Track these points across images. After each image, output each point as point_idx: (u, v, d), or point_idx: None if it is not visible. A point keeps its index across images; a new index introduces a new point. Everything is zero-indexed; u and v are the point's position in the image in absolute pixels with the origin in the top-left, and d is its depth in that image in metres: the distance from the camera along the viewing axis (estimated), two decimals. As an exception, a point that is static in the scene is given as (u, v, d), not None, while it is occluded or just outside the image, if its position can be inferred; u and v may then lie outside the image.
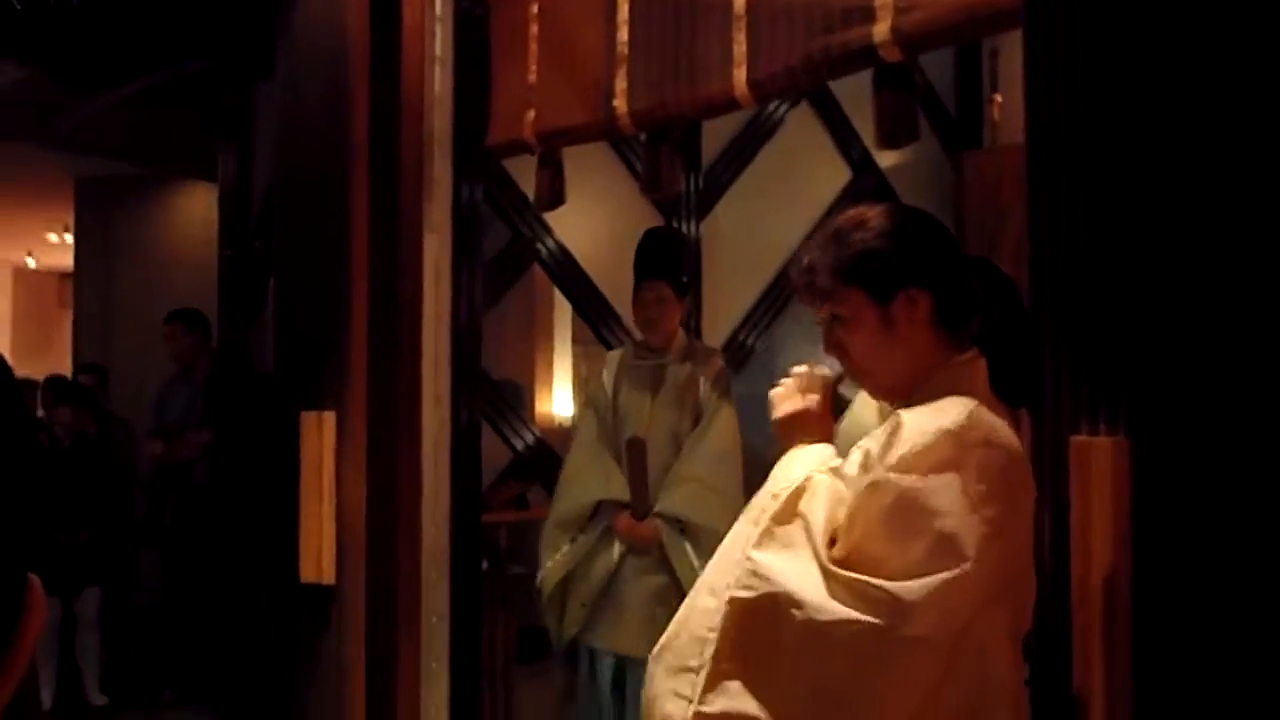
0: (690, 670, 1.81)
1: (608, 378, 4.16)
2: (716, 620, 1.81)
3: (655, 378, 4.09)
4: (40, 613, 0.65)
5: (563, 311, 7.34)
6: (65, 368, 9.25)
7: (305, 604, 4.02)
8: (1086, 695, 1.95)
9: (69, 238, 11.08)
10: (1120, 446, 1.94)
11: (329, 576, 3.90)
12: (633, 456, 3.97)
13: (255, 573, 5.27)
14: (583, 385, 4.30)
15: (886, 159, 7.68)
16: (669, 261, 4.13)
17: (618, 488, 3.97)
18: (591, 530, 4.00)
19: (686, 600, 1.93)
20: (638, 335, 4.38)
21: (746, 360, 7.19)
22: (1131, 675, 1.89)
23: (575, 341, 7.59)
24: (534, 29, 3.91)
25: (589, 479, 4.02)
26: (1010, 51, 7.28)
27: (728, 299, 7.10)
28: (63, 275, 13.03)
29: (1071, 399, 2.04)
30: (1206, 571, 1.85)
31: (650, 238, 4.19)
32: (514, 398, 6.65)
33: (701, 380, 4.08)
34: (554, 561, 4.04)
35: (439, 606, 3.96)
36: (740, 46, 3.24)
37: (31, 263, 14.03)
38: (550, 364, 7.52)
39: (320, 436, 4.00)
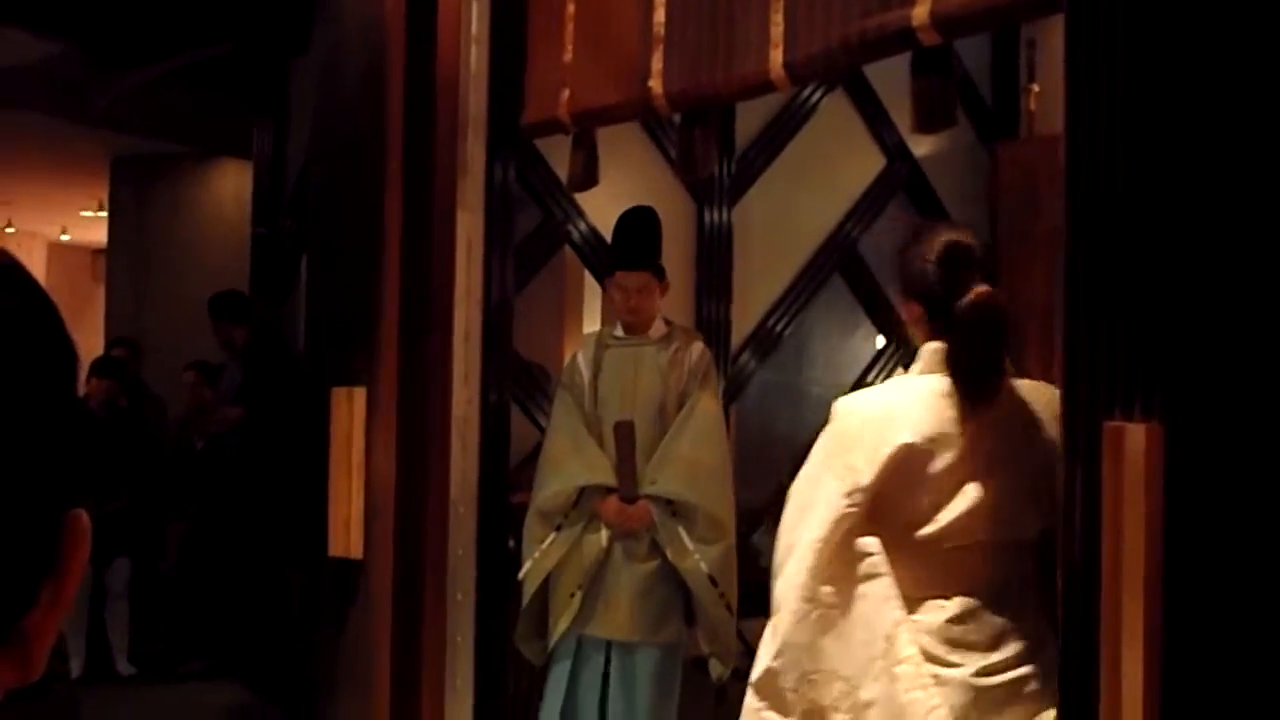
0: None
1: (584, 361, 4.05)
2: None
3: (637, 360, 3.97)
4: (86, 544, 0.64)
5: (592, 295, 7.34)
6: (98, 342, 9.33)
7: (333, 578, 4.05)
8: (1116, 679, 1.94)
9: (103, 213, 11.16)
10: (1154, 432, 1.93)
11: (357, 551, 3.93)
12: (621, 439, 3.85)
13: (285, 546, 5.31)
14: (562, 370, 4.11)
15: (921, 147, 7.64)
16: (651, 247, 3.99)
17: (602, 472, 3.85)
18: (576, 517, 3.86)
19: None
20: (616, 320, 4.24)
21: (776, 346, 7.18)
22: (1162, 660, 1.88)
23: (605, 324, 7.59)
24: (570, 8, 3.91)
25: (572, 464, 3.89)
26: (1047, 41, 7.22)
27: (759, 285, 7.09)
28: (96, 250, 13.14)
29: (1106, 384, 2.03)
30: (1239, 558, 1.84)
31: (630, 222, 4.03)
32: (543, 380, 6.67)
33: (684, 362, 3.99)
34: (540, 553, 3.89)
35: (465, 583, 3.98)
36: (777, 28, 3.23)
37: (66, 237, 14.15)
38: (579, 345, 7.53)
39: (350, 412, 4.02)
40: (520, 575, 3.93)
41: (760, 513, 4.87)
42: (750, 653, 3.77)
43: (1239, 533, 1.84)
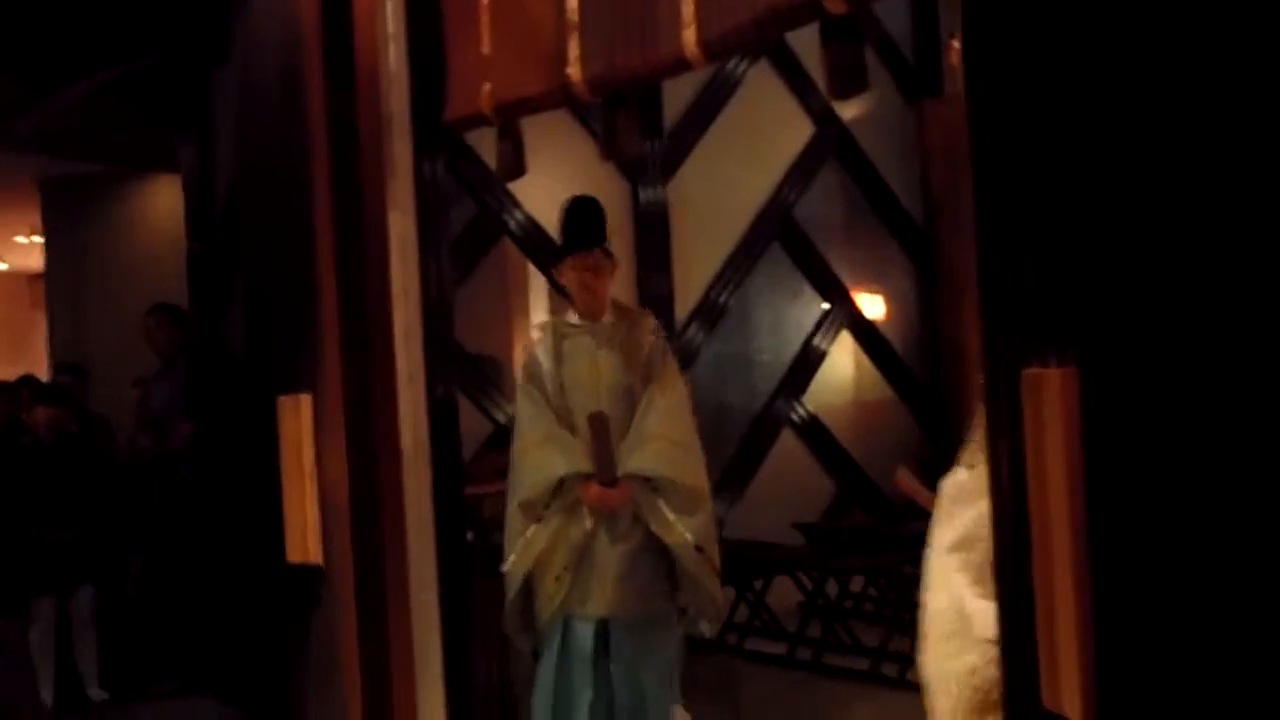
0: None
1: (543, 354, 4.08)
2: None
3: (596, 344, 4.04)
4: None
5: (537, 283, 7.36)
6: (41, 369, 9.23)
7: (295, 585, 4.07)
8: (1049, 619, 2.01)
9: (37, 238, 11.02)
10: (1070, 377, 2.00)
11: (316, 556, 3.95)
12: (596, 430, 3.92)
13: (245, 558, 5.32)
14: (520, 365, 4.23)
15: (848, 110, 7.72)
16: (598, 228, 4.06)
17: (579, 459, 3.91)
18: (557, 507, 3.93)
19: None
20: (571, 305, 4.30)
21: (721, 318, 7.25)
22: (1092, 597, 1.95)
23: (551, 312, 7.61)
24: (485, 1, 3.92)
25: (548, 456, 3.94)
26: (964, -4, 7.33)
27: (698, 259, 7.16)
28: (33, 276, 12.96)
29: (1021, 333, 2.10)
30: (1158, 495, 1.91)
31: (576, 206, 4.10)
32: (494, 372, 6.69)
33: (642, 341, 4.07)
34: (523, 546, 3.95)
35: (427, 578, 4.01)
36: (689, 7, 3.26)
37: (2, 265, 13.95)
38: (526, 336, 7.55)
39: (298, 419, 4.03)
40: (505, 568, 3.97)
41: (716, 482, 4.92)
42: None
43: (1157, 471, 1.90)
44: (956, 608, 2.40)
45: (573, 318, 4.11)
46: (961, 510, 2.51)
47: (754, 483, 7.19)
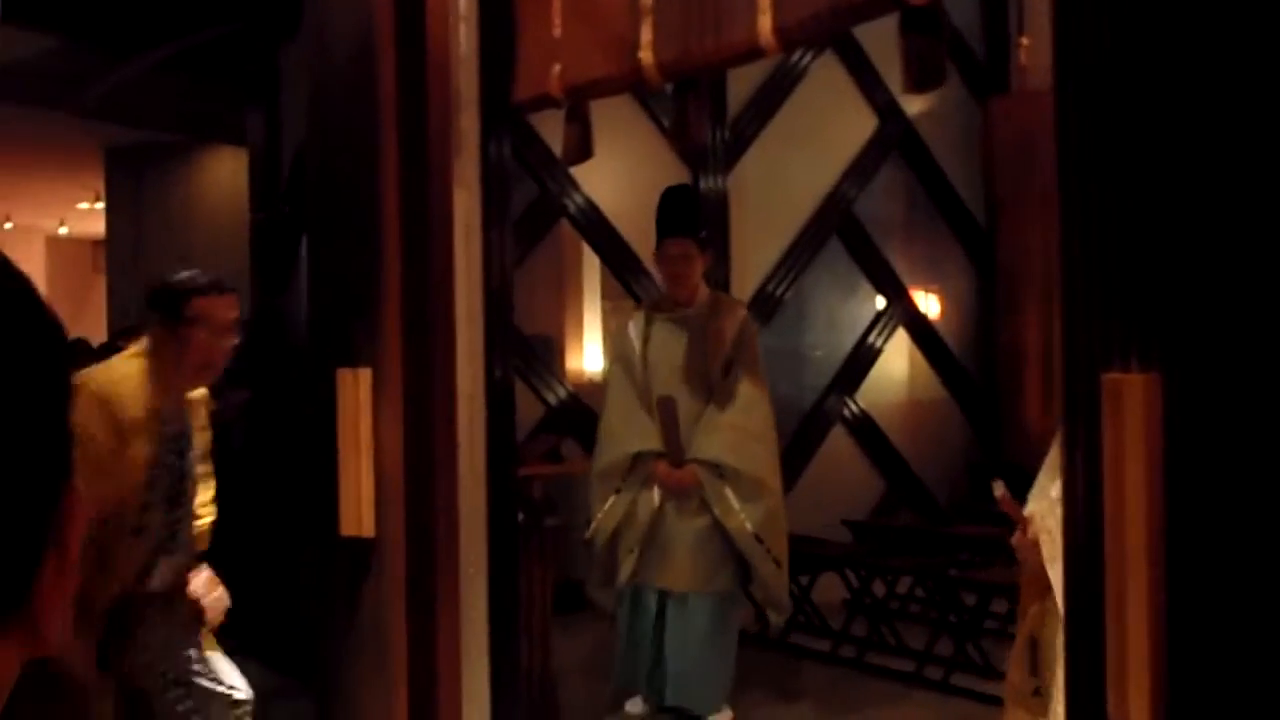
0: None
1: (634, 333, 4.29)
2: None
3: (682, 330, 4.21)
4: (83, 515, 0.67)
5: (591, 267, 7.36)
6: (100, 332, 9.35)
7: (346, 557, 4.08)
8: (1121, 632, 1.97)
9: (100, 205, 11.16)
10: (1153, 383, 1.95)
11: (369, 530, 3.96)
12: (664, 413, 4.13)
13: (297, 529, 5.35)
14: (611, 340, 4.51)
15: (913, 105, 7.65)
16: (690, 218, 4.25)
17: (652, 440, 4.12)
18: (632, 480, 4.16)
19: None
20: (662, 290, 4.47)
21: (776, 311, 7.21)
22: (1167, 611, 1.91)
23: (604, 296, 7.62)
24: (558, -17, 3.91)
25: (624, 433, 4.18)
26: (1037, -7, 7.22)
27: (756, 250, 7.12)
28: (95, 242, 13.14)
29: (1102, 335, 2.05)
30: (1241, 508, 1.86)
31: (670, 195, 4.30)
32: (545, 353, 6.70)
33: (727, 330, 4.20)
34: (603, 513, 4.21)
35: (477, 557, 4.02)
36: (765, -7, 3.24)
37: (64, 230, 14.15)
38: (580, 319, 7.56)
39: (357, 393, 4.04)
40: (588, 534, 4.27)
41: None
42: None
43: (1241, 482, 1.86)
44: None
45: (666, 301, 4.26)
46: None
47: (803, 478, 7.15)
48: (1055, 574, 2.33)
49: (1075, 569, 2.11)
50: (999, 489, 2.58)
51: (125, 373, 3.08)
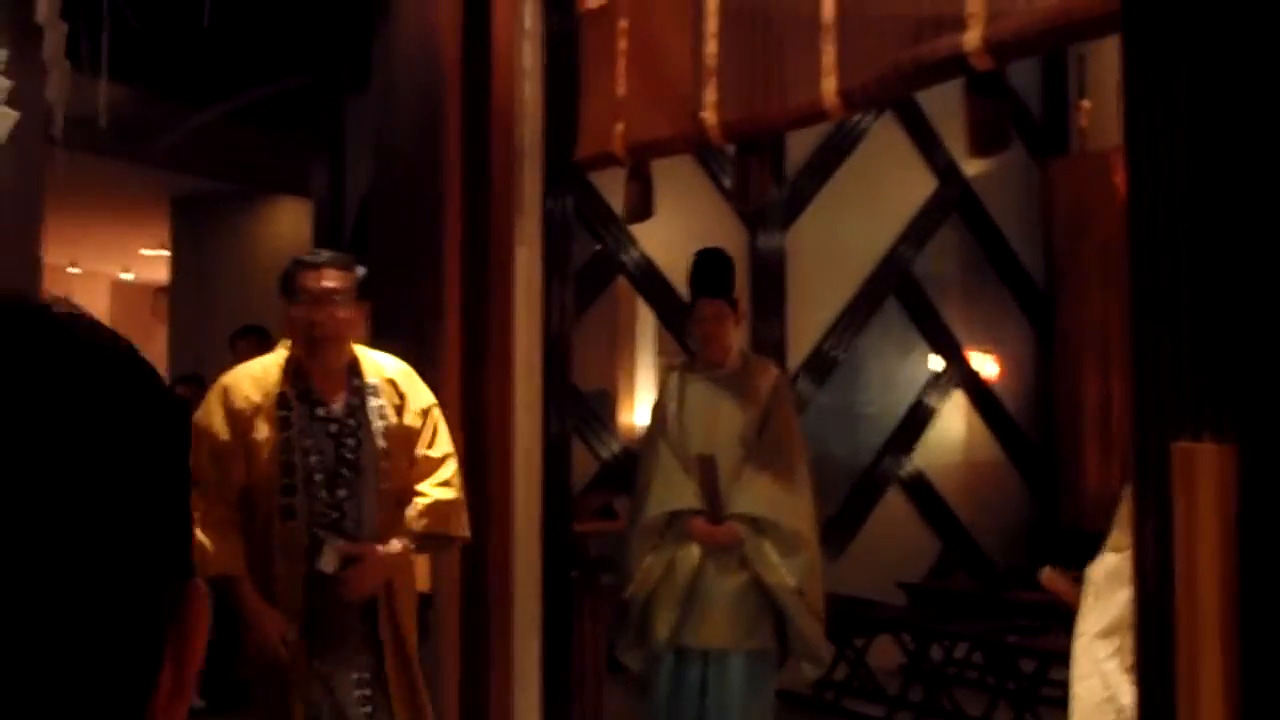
0: None
1: (669, 394, 4.31)
2: None
3: (717, 389, 4.25)
4: (206, 615, 0.59)
5: (645, 323, 7.38)
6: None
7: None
8: (1194, 708, 1.93)
9: (164, 251, 11.36)
10: (1225, 453, 1.92)
11: (424, 584, 3.97)
12: (704, 471, 4.13)
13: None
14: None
15: (972, 167, 7.62)
16: (723, 279, 4.31)
17: (689, 498, 4.12)
18: (671, 538, 4.14)
19: None
20: (696, 351, 4.52)
21: (832, 370, 7.17)
22: (1240, 688, 1.86)
23: (659, 352, 7.62)
24: (622, 43, 3.95)
25: (662, 492, 4.17)
26: (1097, 56, 7.19)
27: (813, 309, 7.10)
28: (158, 288, 13.37)
29: (1174, 403, 2.02)
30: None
31: (704, 257, 4.34)
32: (600, 408, 6.71)
33: (762, 388, 4.24)
34: (642, 572, 4.16)
35: (531, 613, 4.02)
36: (829, 57, 3.26)
37: (128, 276, 14.41)
38: (633, 375, 7.56)
39: (414, 446, 4.06)
40: (625, 594, 4.21)
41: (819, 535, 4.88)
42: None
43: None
44: (1109, 695, 2.32)
45: (700, 362, 4.27)
46: (1111, 594, 2.42)
47: (858, 539, 7.07)
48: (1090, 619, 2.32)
49: (1147, 645, 2.06)
50: (1047, 575, 2.55)
51: (264, 362, 3.16)
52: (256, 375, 3.10)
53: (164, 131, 7.66)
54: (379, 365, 3.21)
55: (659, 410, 4.33)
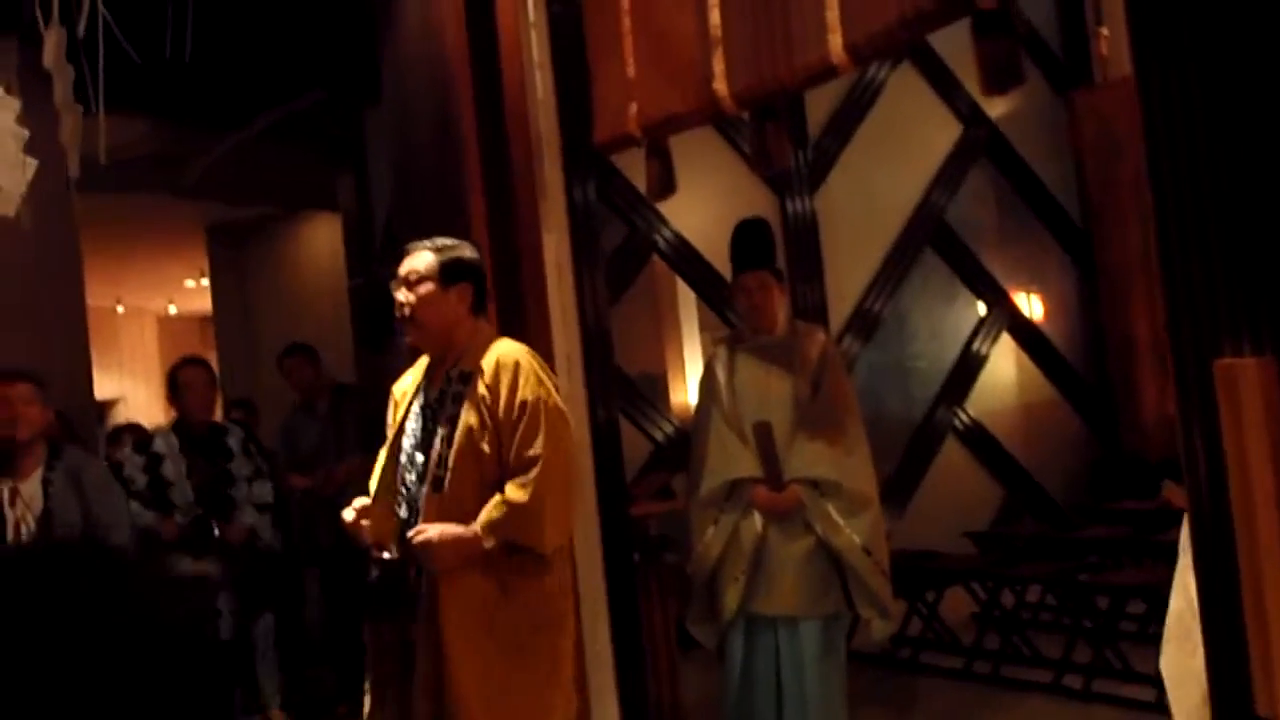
0: None
1: (719, 365, 4.31)
2: None
3: (767, 357, 4.24)
4: None
5: (686, 300, 7.36)
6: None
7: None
8: (1261, 622, 1.91)
9: (205, 282, 11.50)
10: (1268, 366, 1.89)
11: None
12: (761, 438, 4.12)
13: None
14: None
15: (996, 107, 7.54)
16: (765, 250, 4.30)
17: (748, 466, 4.12)
18: (731, 507, 4.14)
19: None
20: (740, 324, 4.52)
21: (877, 327, 7.13)
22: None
23: (702, 328, 7.61)
24: (627, 23, 3.94)
25: (719, 462, 4.18)
26: (1113, -18, 7.09)
27: (850, 268, 7.06)
28: (203, 319, 13.52)
29: (1210, 323, 2.00)
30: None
31: (743, 229, 4.34)
32: (651, 391, 6.71)
33: (811, 353, 4.23)
34: (704, 544, 4.18)
35: (596, 601, 4.04)
36: (833, 12, 3.23)
37: (173, 309, 14.59)
38: (680, 353, 7.56)
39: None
40: (689, 567, 4.23)
41: (880, 494, 4.86)
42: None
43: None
44: (1191, 607, 2.30)
45: (749, 332, 4.26)
46: None
47: (919, 493, 7.04)
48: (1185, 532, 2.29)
49: (1206, 561, 2.04)
50: (1169, 489, 2.52)
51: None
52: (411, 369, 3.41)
53: (191, 161, 7.74)
54: (489, 353, 3.19)
55: (707, 383, 4.33)
